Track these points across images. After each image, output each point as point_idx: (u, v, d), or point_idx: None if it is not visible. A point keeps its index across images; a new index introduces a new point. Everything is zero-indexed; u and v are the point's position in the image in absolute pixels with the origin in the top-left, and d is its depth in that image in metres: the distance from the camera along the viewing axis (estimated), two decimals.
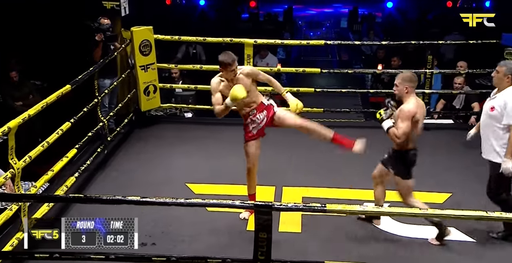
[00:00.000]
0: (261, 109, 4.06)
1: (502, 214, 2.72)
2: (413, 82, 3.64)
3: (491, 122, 3.71)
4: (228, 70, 3.83)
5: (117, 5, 5.55)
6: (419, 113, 3.63)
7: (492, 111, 3.69)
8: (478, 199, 4.40)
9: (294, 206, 3.01)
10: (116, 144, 5.52)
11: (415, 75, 3.71)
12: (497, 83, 3.75)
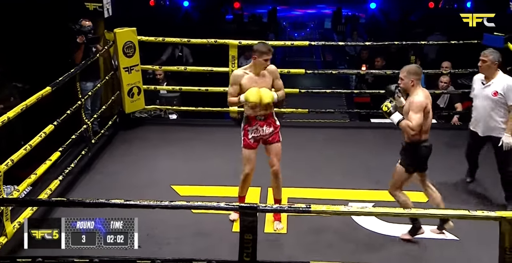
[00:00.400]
0: (270, 124, 3.96)
1: (484, 213, 2.75)
2: (418, 75, 3.64)
3: (496, 105, 4.18)
4: (262, 58, 3.76)
5: (99, 7, 5.51)
6: (429, 105, 3.65)
7: (495, 96, 4.15)
8: (462, 197, 4.46)
9: (279, 207, 3.02)
10: (100, 146, 5.47)
11: (420, 68, 3.70)
12: (486, 71, 4.14)
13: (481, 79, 4.30)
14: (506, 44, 5.40)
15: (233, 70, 5.91)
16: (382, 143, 5.57)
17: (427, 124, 3.68)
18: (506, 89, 4.13)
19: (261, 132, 3.94)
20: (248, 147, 3.96)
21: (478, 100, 4.31)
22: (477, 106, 4.32)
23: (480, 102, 4.29)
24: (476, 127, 4.39)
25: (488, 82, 4.21)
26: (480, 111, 4.30)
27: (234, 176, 4.85)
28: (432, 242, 3.87)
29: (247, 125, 3.95)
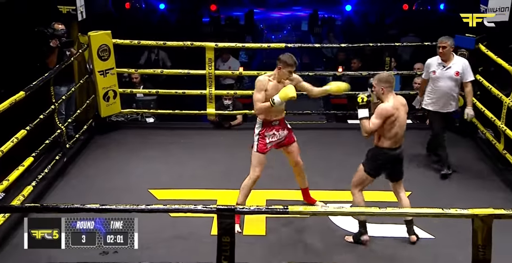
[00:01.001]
0: (284, 127, 4.12)
1: (457, 211, 2.80)
2: (388, 83, 3.70)
3: (456, 84, 4.82)
4: (287, 70, 3.93)
5: (73, 10, 5.43)
6: (396, 114, 3.69)
7: (457, 75, 4.79)
8: (436, 195, 4.54)
9: (257, 209, 3.01)
10: (75, 151, 5.40)
11: (391, 76, 3.77)
12: (447, 55, 4.79)
13: (438, 63, 4.83)
14: (477, 45, 5.51)
15: (210, 73, 5.95)
16: (359, 144, 5.56)
17: (391, 133, 3.71)
18: (464, 68, 4.79)
19: (278, 136, 4.10)
20: (263, 151, 4.07)
21: (441, 81, 4.81)
22: (440, 86, 4.81)
23: (443, 83, 4.80)
24: (436, 106, 4.88)
25: (449, 64, 4.79)
26: (443, 90, 4.81)
27: (212, 179, 4.87)
28: (408, 240, 3.92)
29: (264, 131, 4.06)
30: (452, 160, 5.23)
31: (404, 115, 3.78)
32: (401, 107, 3.75)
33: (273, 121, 4.05)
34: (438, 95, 4.86)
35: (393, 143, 3.76)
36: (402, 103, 3.78)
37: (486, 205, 2.89)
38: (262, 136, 4.06)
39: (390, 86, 3.71)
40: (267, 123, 4.04)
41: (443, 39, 4.79)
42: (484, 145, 5.56)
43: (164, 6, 12.37)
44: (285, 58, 3.93)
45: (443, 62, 4.82)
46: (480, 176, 4.96)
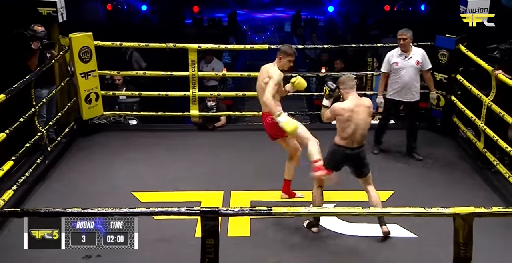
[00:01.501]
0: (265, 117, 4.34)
1: (438, 210, 2.84)
2: (344, 84, 3.86)
3: (416, 72, 5.10)
4: (287, 59, 4.21)
5: (53, 11, 5.35)
6: (347, 115, 3.80)
7: (418, 65, 5.08)
8: (418, 194, 4.59)
9: (241, 210, 3.01)
10: (57, 154, 5.33)
11: (348, 77, 3.93)
12: (407, 46, 5.06)
13: (398, 54, 5.11)
14: (457, 46, 5.59)
15: (193, 74, 5.93)
16: None
17: (346, 133, 3.82)
18: (423, 57, 5.09)
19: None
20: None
21: (404, 71, 5.08)
22: (403, 76, 5.09)
23: (406, 72, 5.08)
24: (398, 95, 5.15)
25: (409, 54, 5.08)
26: (406, 80, 5.09)
27: (196, 180, 4.85)
28: (391, 240, 3.95)
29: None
30: (434, 159, 5.30)
31: (364, 116, 3.83)
32: (360, 109, 3.82)
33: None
34: (401, 85, 5.11)
35: (349, 142, 3.86)
36: (363, 105, 3.85)
37: (467, 204, 2.93)
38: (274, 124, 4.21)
39: (347, 87, 3.85)
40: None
41: (403, 31, 5.06)
42: (465, 144, 5.64)
43: (146, 8, 12.30)
44: (285, 48, 4.24)
45: (404, 53, 5.10)
46: (461, 175, 5.02)
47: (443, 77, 5.75)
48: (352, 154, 3.88)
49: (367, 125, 3.87)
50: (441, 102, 5.83)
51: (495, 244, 3.85)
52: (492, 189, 4.71)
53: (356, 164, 3.97)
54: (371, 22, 11.56)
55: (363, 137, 3.89)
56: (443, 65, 5.73)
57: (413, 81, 5.10)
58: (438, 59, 5.74)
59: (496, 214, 2.85)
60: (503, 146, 4.63)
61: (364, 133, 3.87)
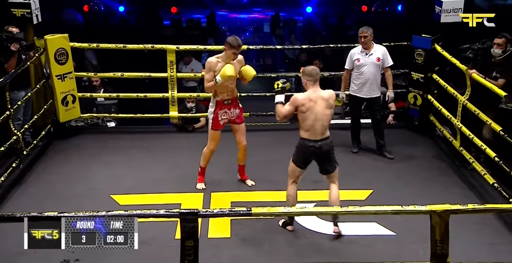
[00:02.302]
0: (236, 106, 4.56)
1: (416, 207, 2.88)
2: (310, 76, 3.91)
3: (378, 69, 5.25)
4: (231, 51, 4.30)
5: (28, 13, 5.26)
6: (307, 105, 3.86)
7: (379, 61, 5.22)
8: (396, 193, 4.65)
9: (220, 211, 3.01)
10: (33, 158, 5.25)
11: (315, 69, 3.97)
12: (368, 43, 5.20)
13: (360, 52, 5.25)
14: (433, 45, 5.67)
15: (172, 75, 5.90)
16: None
17: (306, 124, 3.90)
18: (384, 54, 5.24)
19: (230, 114, 4.54)
20: (216, 128, 4.55)
21: (365, 67, 5.22)
22: (364, 73, 5.23)
23: (367, 69, 5.22)
24: (361, 91, 5.28)
25: (370, 51, 5.23)
26: (367, 76, 5.23)
27: (176, 182, 4.83)
28: (371, 238, 4.00)
29: (218, 109, 4.48)
30: (411, 157, 5.38)
31: (322, 109, 3.89)
32: (318, 100, 3.88)
33: (226, 100, 4.47)
34: (362, 81, 5.25)
35: (311, 134, 3.92)
36: (323, 97, 3.91)
37: (444, 201, 2.98)
38: (215, 114, 4.48)
39: (311, 80, 3.90)
40: (220, 103, 4.47)
41: (364, 29, 5.22)
42: (441, 142, 5.73)
43: (123, 9, 12.18)
44: (230, 40, 4.30)
45: (365, 50, 5.24)
46: (438, 173, 5.10)
47: (420, 76, 5.84)
48: (315, 146, 3.92)
49: (326, 117, 3.91)
50: (418, 101, 5.91)
51: (471, 240, 3.92)
52: (468, 187, 4.80)
53: (321, 158, 3.99)
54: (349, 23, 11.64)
55: (325, 128, 3.93)
56: (420, 65, 5.82)
57: (374, 78, 5.24)
58: (415, 59, 5.82)
59: (471, 211, 2.89)
60: (479, 144, 4.71)
61: (324, 125, 3.91)
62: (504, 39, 4.75)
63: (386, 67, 5.30)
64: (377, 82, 5.28)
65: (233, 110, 4.54)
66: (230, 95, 4.48)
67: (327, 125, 3.95)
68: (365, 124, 5.55)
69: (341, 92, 5.52)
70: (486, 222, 4.13)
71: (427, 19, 5.95)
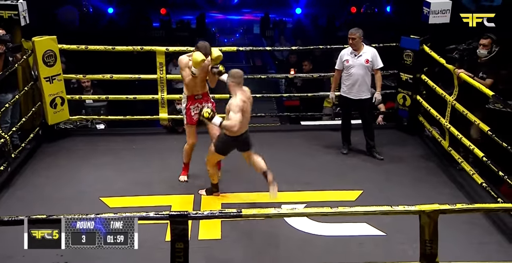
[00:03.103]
0: (207, 100, 4.72)
1: (405, 208, 2.89)
2: (235, 78, 4.20)
3: (367, 70, 5.26)
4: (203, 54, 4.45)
5: (15, 14, 5.23)
6: (245, 106, 4.21)
7: (367, 63, 5.23)
8: (386, 193, 4.67)
9: (210, 213, 3.01)
10: (21, 160, 5.20)
11: (239, 72, 4.26)
12: (357, 45, 5.22)
13: (349, 53, 5.27)
14: (421, 46, 5.71)
15: (161, 77, 5.89)
16: (312, 145, 5.71)
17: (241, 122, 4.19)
18: (373, 56, 5.25)
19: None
20: (191, 123, 4.70)
21: (353, 69, 5.24)
22: (353, 74, 5.25)
23: (355, 70, 5.24)
24: (350, 93, 5.30)
25: (359, 53, 5.24)
26: (355, 77, 5.24)
27: (166, 184, 4.82)
28: (361, 239, 4.01)
29: (189, 104, 4.65)
30: (400, 157, 5.41)
31: (250, 106, 4.30)
32: (247, 100, 4.25)
33: (196, 95, 4.65)
34: (351, 82, 5.27)
35: (241, 130, 4.23)
36: (247, 96, 4.27)
37: (433, 201, 3.00)
38: (187, 110, 4.66)
39: (238, 82, 4.20)
40: (191, 98, 4.65)
41: (352, 31, 5.23)
42: (430, 142, 5.76)
43: (112, 10, 12.14)
44: (200, 45, 4.47)
45: (355, 51, 5.25)
46: (427, 173, 5.13)
47: (409, 77, 5.87)
48: (241, 140, 4.30)
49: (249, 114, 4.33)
50: (407, 102, 5.95)
51: (460, 240, 3.95)
52: (457, 187, 4.84)
53: (243, 146, 4.37)
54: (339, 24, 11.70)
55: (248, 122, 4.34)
56: (408, 66, 5.86)
57: (363, 79, 5.24)
58: (403, 59, 5.86)
59: (460, 211, 2.92)
60: (467, 144, 4.75)
61: (247, 120, 4.30)
62: (489, 40, 4.80)
63: (376, 69, 5.29)
64: (367, 84, 5.28)
65: (205, 104, 4.69)
66: (200, 90, 4.65)
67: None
68: (355, 125, 5.56)
69: (331, 93, 5.57)
70: (475, 221, 4.16)
71: (415, 20, 6.00)
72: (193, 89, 4.62)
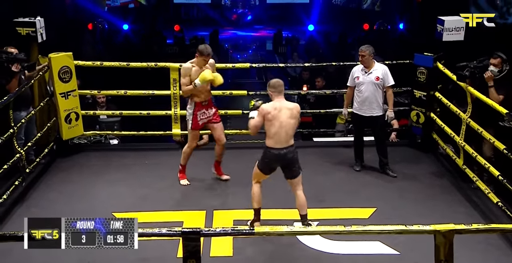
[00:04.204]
0: (211, 106, 4.98)
1: (419, 227, 2.86)
2: (274, 88, 4.17)
3: (378, 88, 5.25)
4: (202, 59, 4.76)
5: (33, 31, 5.33)
6: (273, 113, 4.11)
7: (377, 80, 5.23)
8: (400, 211, 4.62)
9: (223, 230, 3.00)
10: (36, 175, 5.25)
11: (278, 81, 4.21)
12: (367, 62, 5.23)
13: (360, 70, 5.29)
14: (435, 64, 5.71)
15: (174, 93, 5.94)
16: (325, 162, 5.69)
17: (271, 132, 4.13)
18: (384, 74, 5.24)
19: (207, 114, 4.97)
20: (196, 128, 4.98)
21: (364, 86, 5.25)
22: (363, 91, 5.25)
23: (366, 87, 5.25)
24: (361, 110, 5.31)
25: (370, 70, 5.25)
26: (366, 94, 5.25)
27: (178, 200, 4.83)
28: (375, 257, 3.96)
29: (196, 110, 4.90)
30: (414, 175, 5.36)
31: (286, 117, 4.12)
32: (283, 109, 4.13)
33: (203, 102, 4.90)
34: (362, 99, 5.28)
35: (276, 142, 4.14)
36: (287, 107, 4.17)
37: (448, 220, 2.96)
38: (195, 115, 4.90)
39: (275, 91, 4.16)
40: (199, 104, 4.89)
41: (363, 48, 5.25)
42: (444, 160, 5.70)
43: (127, 27, 12.32)
44: (201, 48, 4.78)
45: (365, 68, 5.27)
46: (441, 191, 5.07)
47: (422, 94, 5.86)
48: (280, 154, 4.15)
49: (290, 125, 4.13)
50: (420, 119, 5.92)
51: (476, 260, 3.88)
52: (472, 206, 4.77)
53: (285, 165, 4.22)
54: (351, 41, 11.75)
55: (289, 137, 4.15)
56: (422, 83, 5.84)
57: (373, 96, 5.23)
58: (417, 76, 5.85)
59: (476, 231, 2.87)
60: (482, 162, 4.70)
61: (289, 133, 4.13)
62: (499, 59, 4.79)
63: (387, 87, 5.28)
64: (378, 101, 5.26)
65: (210, 110, 4.96)
66: (206, 96, 4.92)
67: (292, 134, 4.17)
68: (368, 141, 5.54)
69: (343, 109, 5.59)
70: (491, 242, 4.08)
71: (429, 38, 6.00)
72: (200, 96, 4.86)
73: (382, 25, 12.07)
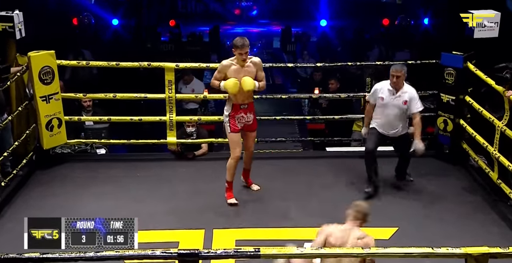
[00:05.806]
0: (251, 111, 4.98)
1: (448, 250, 2.84)
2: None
3: (404, 112, 5.18)
4: (237, 52, 4.76)
5: (10, 27, 5.35)
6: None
7: (405, 105, 5.14)
8: (425, 231, 4.60)
9: (224, 252, 2.98)
10: (12, 189, 5.26)
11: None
12: (400, 84, 5.12)
13: (388, 90, 5.17)
14: (465, 64, 5.70)
15: (170, 97, 5.96)
16: (339, 174, 5.68)
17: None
18: (411, 98, 5.14)
19: (246, 119, 4.96)
20: (235, 131, 4.94)
21: (388, 109, 5.17)
22: (388, 114, 5.19)
23: (391, 111, 5.17)
24: (382, 128, 5.24)
25: (398, 92, 5.15)
26: (390, 118, 5.19)
27: (174, 217, 4.83)
28: None
29: (233, 113, 4.91)
30: (441, 191, 5.33)
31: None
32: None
33: (242, 104, 4.91)
34: (384, 121, 5.23)
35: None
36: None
37: (480, 242, 2.95)
38: (232, 117, 4.91)
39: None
40: (237, 106, 4.90)
41: (397, 68, 5.12)
42: (476, 173, 5.69)
43: (117, 22, 12.37)
44: (236, 40, 4.80)
45: (394, 89, 5.15)
46: (472, 208, 5.05)
47: (450, 98, 5.85)
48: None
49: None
50: (448, 126, 5.91)
51: None
52: (508, 225, 4.75)
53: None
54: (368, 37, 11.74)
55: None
56: (450, 86, 5.84)
57: (396, 120, 5.18)
58: (445, 78, 5.84)
59: None
60: None
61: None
62: None
63: (414, 113, 5.17)
64: (403, 124, 5.23)
65: (249, 115, 4.96)
66: (246, 99, 4.92)
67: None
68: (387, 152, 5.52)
69: (364, 128, 5.47)
70: None
71: (458, 35, 5.99)
72: (239, 97, 4.87)
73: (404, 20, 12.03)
